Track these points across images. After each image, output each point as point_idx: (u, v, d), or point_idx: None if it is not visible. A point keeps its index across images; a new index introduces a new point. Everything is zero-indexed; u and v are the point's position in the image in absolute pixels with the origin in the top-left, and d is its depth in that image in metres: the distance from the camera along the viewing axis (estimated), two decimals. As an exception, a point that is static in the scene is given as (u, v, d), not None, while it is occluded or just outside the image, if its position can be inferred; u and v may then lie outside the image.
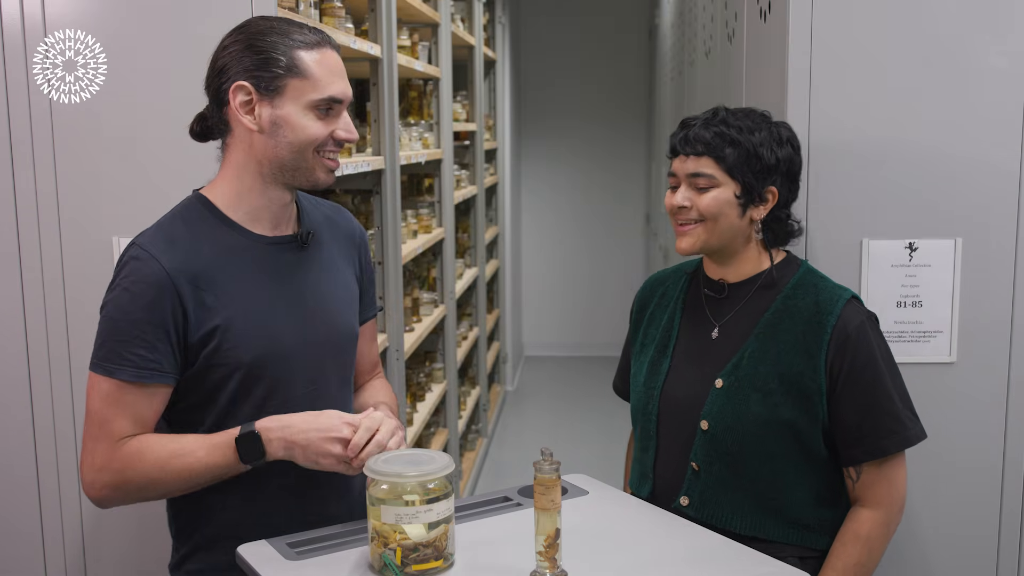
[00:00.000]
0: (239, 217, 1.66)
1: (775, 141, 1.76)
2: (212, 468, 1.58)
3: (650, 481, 1.86)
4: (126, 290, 1.58)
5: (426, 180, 4.32)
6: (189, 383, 1.63)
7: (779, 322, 1.76)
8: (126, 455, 1.58)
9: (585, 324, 7.43)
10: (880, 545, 1.76)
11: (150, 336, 1.57)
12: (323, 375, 1.73)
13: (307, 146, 1.61)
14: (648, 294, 1.99)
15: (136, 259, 1.59)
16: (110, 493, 1.60)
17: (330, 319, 1.74)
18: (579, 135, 7.32)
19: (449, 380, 4.17)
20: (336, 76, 1.63)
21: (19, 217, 2.14)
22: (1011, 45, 1.96)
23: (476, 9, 5.15)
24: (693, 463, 1.79)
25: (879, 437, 1.72)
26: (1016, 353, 2.02)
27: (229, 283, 1.63)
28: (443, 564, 1.47)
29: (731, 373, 1.77)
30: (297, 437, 1.57)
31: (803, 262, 1.85)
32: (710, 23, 3.20)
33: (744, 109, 1.80)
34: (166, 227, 1.64)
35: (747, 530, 1.75)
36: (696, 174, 1.75)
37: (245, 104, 1.60)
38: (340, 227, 1.84)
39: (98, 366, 1.58)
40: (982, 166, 1.99)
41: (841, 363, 1.72)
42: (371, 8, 3.02)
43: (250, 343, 1.63)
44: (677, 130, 1.81)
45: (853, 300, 1.77)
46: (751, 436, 1.74)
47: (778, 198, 1.78)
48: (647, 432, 1.86)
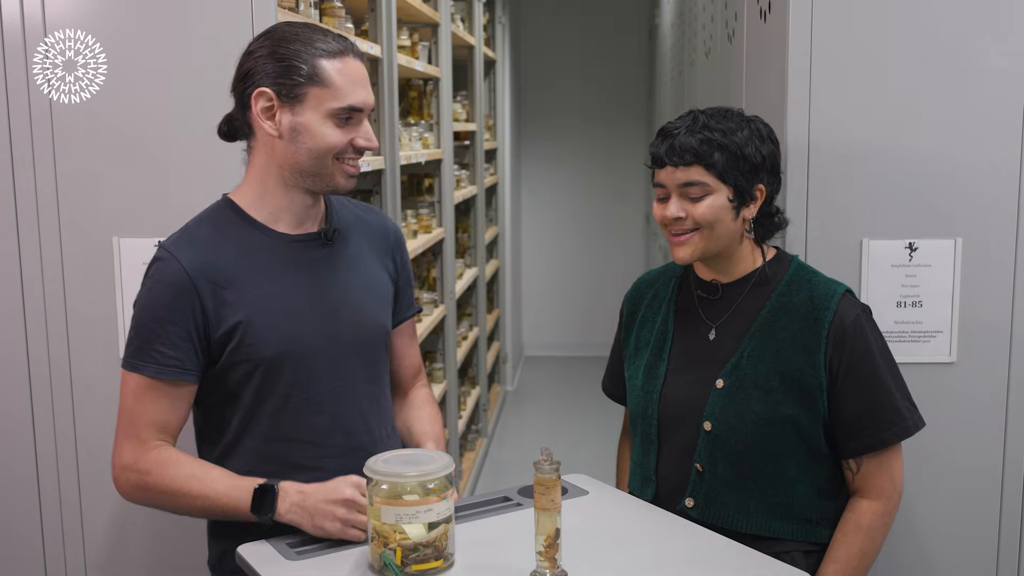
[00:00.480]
0: (263, 217, 1.71)
1: (758, 138, 1.75)
2: (225, 502, 1.61)
3: (653, 484, 1.85)
4: (149, 290, 1.66)
5: (426, 180, 4.32)
6: (214, 380, 1.68)
7: (775, 320, 1.77)
8: (152, 460, 1.63)
9: (585, 324, 7.43)
10: (881, 534, 1.77)
11: (171, 334, 1.62)
12: (348, 372, 1.74)
13: (326, 153, 1.64)
14: (638, 296, 1.98)
15: (160, 260, 1.66)
16: (133, 492, 1.66)
17: (356, 316, 1.76)
18: (579, 135, 7.31)
19: (449, 380, 4.17)
20: (357, 85, 1.64)
21: (19, 217, 2.14)
22: (1011, 45, 1.96)
23: (476, 9, 5.15)
24: (697, 464, 1.78)
25: (879, 429, 1.73)
26: (1016, 353, 2.02)
27: (251, 280, 1.67)
28: (443, 564, 1.47)
29: (731, 373, 1.77)
30: (306, 502, 1.58)
31: (794, 257, 1.85)
32: (710, 23, 3.20)
33: (719, 110, 1.78)
34: (191, 230, 1.71)
35: (752, 529, 1.75)
36: (688, 183, 1.72)
37: (266, 110, 1.64)
38: (371, 225, 1.86)
39: (127, 362, 1.65)
40: (982, 166, 1.99)
41: (840, 358, 1.72)
42: (371, 8, 3.02)
43: (271, 339, 1.66)
44: (657, 139, 1.77)
45: (847, 294, 1.77)
46: (754, 435, 1.74)
47: (765, 194, 1.78)
48: (648, 436, 1.86)
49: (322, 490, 1.59)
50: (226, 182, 2.08)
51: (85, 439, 2.19)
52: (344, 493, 1.57)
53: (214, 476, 1.62)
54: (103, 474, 2.19)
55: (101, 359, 2.16)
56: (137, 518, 2.21)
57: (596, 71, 7.27)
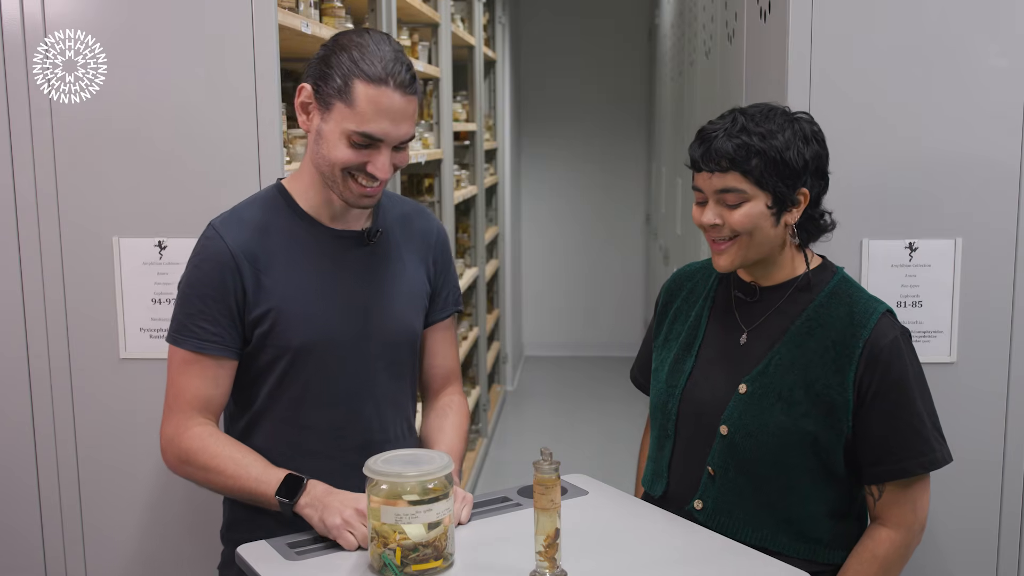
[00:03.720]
0: (310, 207, 1.75)
1: (801, 140, 1.66)
2: (255, 486, 1.65)
3: (664, 480, 1.82)
4: (196, 267, 1.71)
5: (426, 180, 4.32)
6: (246, 361, 1.74)
7: (810, 331, 1.70)
8: (195, 436, 1.69)
9: (585, 324, 7.43)
10: (897, 567, 1.70)
11: (213, 310, 1.68)
12: (370, 371, 1.77)
13: (335, 166, 1.66)
14: (676, 288, 1.93)
15: (207, 238, 1.72)
16: (176, 464, 1.72)
17: (385, 317, 1.78)
18: (579, 135, 7.31)
19: (449, 380, 4.16)
20: (383, 117, 1.62)
21: (19, 217, 2.14)
22: (1011, 45, 1.96)
23: (476, 9, 5.15)
24: (709, 467, 1.74)
25: (904, 457, 1.66)
26: (1016, 353, 2.02)
27: (289, 268, 1.71)
28: (443, 564, 1.47)
29: (756, 379, 1.72)
30: (326, 499, 1.61)
31: (839, 269, 1.78)
32: (710, 23, 3.20)
33: (762, 108, 1.69)
34: (240, 210, 1.76)
35: (758, 541, 1.70)
36: (724, 190, 1.65)
37: (304, 105, 1.68)
38: (416, 226, 1.88)
39: (171, 335, 1.72)
40: (982, 166, 1.99)
41: (871, 378, 1.66)
42: (371, 8, 3.02)
43: (300, 329, 1.71)
44: (696, 142, 1.70)
45: (887, 314, 1.70)
46: (771, 445, 1.69)
47: (809, 198, 1.70)
48: (665, 430, 1.82)
49: (347, 495, 1.62)
50: (226, 182, 2.08)
51: (85, 439, 2.19)
52: (363, 504, 1.58)
53: (250, 460, 1.68)
54: (103, 474, 2.19)
55: (101, 359, 2.16)
56: (137, 518, 2.21)
57: (596, 71, 7.27)
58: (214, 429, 1.72)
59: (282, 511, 1.63)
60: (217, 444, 1.68)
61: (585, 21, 7.23)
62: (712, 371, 1.79)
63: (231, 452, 1.68)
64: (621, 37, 7.26)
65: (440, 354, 1.94)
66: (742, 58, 2.50)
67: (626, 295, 7.37)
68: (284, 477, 1.64)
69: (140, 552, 2.22)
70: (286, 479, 1.64)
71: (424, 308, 1.87)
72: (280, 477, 1.64)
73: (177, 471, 1.73)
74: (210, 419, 1.73)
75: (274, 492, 1.63)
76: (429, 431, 1.90)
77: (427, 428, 1.91)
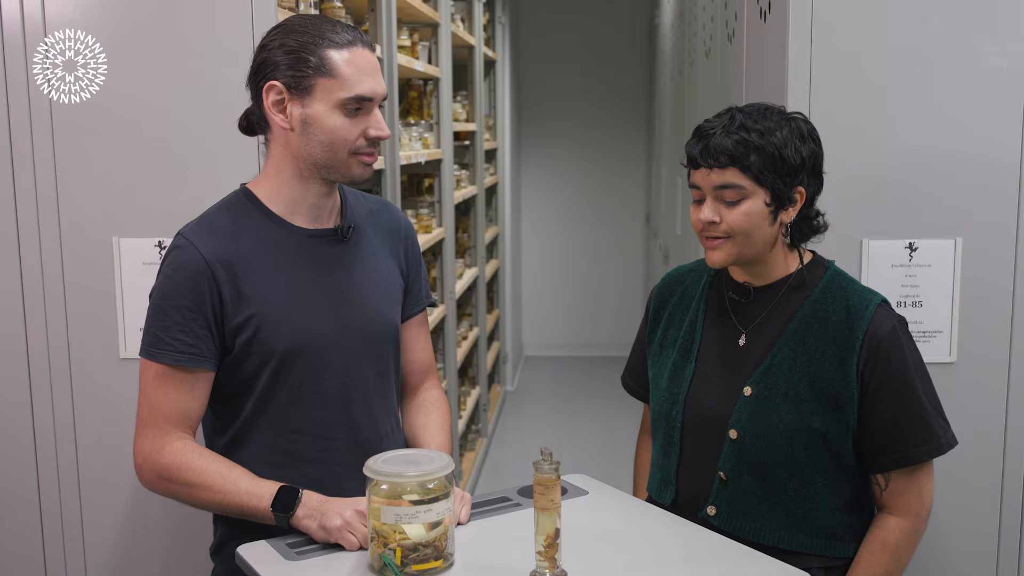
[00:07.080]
0: (279, 210, 1.72)
1: (798, 138, 1.67)
2: (245, 500, 1.62)
3: (673, 488, 1.81)
4: (168, 277, 1.66)
5: (426, 180, 4.32)
6: (228, 370, 1.69)
7: (808, 328, 1.71)
8: (176, 452, 1.64)
9: (585, 324, 7.43)
10: (907, 553, 1.71)
11: (189, 321, 1.63)
12: (358, 368, 1.76)
13: (340, 147, 1.65)
14: (666, 292, 1.92)
15: (177, 247, 1.67)
16: (155, 482, 1.67)
17: (366, 312, 1.77)
18: (579, 135, 7.31)
19: (449, 380, 4.17)
20: (366, 75, 1.65)
21: (19, 217, 2.14)
22: (1011, 45, 1.96)
23: (476, 9, 5.15)
24: (721, 473, 1.74)
25: (910, 445, 1.68)
26: (1016, 353, 2.02)
27: (266, 273, 1.68)
28: (443, 564, 1.47)
29: (760, 381, 1.72)
30: (323, 507, 1.59)
31: (830, 263, 1.79)
32: (710, 23, 3.20)
33: (758, 107, 1.70)
34: (209, 217, 1.72)
35: (775, 542, 1.71)
36: (723, 186, 1.65)
37: (277, 104, 1.65)
38: (384, 221, 1.87)
39: (144, 350, 1.66)
40: (982, 166, 1.99)
41: (873, 369, 1.67)
42: (371, 8, 3.02)
43: (284, 333, 1.68)
44: (693, 139, 1.70)
45: (883, 304, 1.71)
46: (781, 445, 1.69)
47: (805, 197, 1.70)
48: (670, 438, 1.81)
49: (344, 500, 1.61)
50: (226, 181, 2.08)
51: (85, 439, 2.19)
52: (361, 506, 1.58)
53: (237, 475, 1.64)
54: (103, 474, 2.19)
55: (101, 359, 2.16)
56: (137, 518, 2.21)
57: (596, 71, 7.27)
58: (195, 444, 1.67)
59: (278, 524, 1.60)
60: (201, 459, 1.64)
61: (585, 21, 7.23)
62: (714, 375, 1.78)
63: (217, 467, 1.63)
64: (621, 37, 7.26)
65: (417, 348, 1.93)
66: (742, 58, 2.50)
67: (626, 295, 7.37)
68: (277, 490, 1.61)
69: (140, 552, 2.22)
70: (280, 492, 1.60)
71: (400, 302, 1.86)
72: (273, 491, 1.61)
73: (155, 488, 1.67)
74: (188, 433, 1.67)
75: (268, 506, 1.60)
76: (413, 428, 1.89)
77: (410, 425, 1.90)
